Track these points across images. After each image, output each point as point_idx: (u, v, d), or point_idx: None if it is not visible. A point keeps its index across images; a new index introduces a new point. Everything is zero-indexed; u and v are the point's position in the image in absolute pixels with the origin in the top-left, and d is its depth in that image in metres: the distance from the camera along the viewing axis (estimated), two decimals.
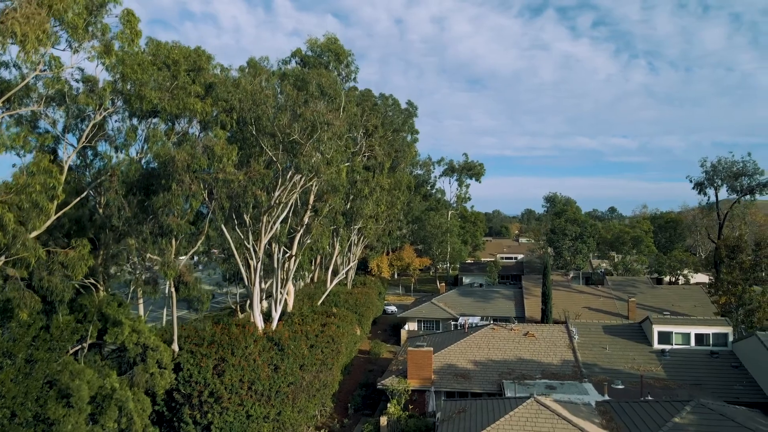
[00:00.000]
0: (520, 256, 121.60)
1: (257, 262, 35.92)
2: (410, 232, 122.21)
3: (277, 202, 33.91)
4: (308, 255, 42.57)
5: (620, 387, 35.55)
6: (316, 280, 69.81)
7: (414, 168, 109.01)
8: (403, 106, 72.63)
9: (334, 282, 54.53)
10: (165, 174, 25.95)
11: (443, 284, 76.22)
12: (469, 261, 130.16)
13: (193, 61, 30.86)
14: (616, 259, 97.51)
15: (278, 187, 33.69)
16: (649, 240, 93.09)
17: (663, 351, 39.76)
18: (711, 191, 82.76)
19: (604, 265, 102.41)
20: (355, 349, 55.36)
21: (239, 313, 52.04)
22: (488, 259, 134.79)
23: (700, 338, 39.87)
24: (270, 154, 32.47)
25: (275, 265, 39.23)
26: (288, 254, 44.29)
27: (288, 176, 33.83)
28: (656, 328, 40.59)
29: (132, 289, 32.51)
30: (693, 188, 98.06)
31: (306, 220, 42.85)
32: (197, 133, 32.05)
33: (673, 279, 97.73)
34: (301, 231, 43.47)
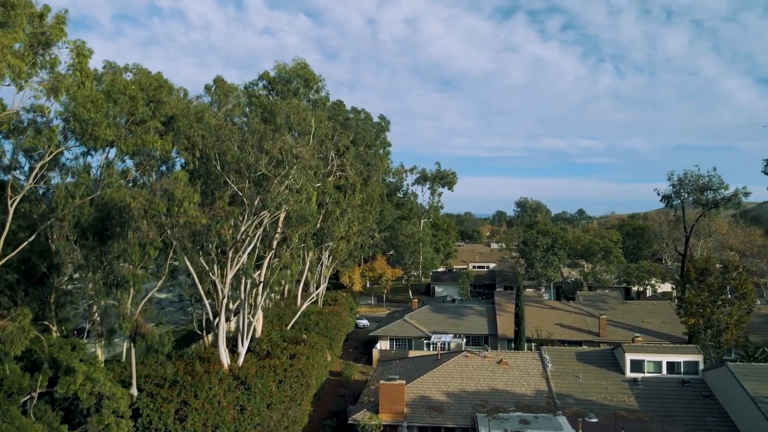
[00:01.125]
0: (492, 265, 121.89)
1: (223, 299, 34.38)
2: (383, 240, 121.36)
3: (243, 237, 32.46)
4: (278, 276, 41.10)
5: (594, 421, 35.22)
6: (287, 294, 68.25)
7: (386, 176, 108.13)
8: (375, 119, 71.61)
9: (305, 305, 53.16)
10: (120, 221, 24.32)
11: (416, 300, 75.34)
12: (441, 269, 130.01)
13: (153, 92, 29.08)
14: (586, 269, 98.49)
15: (245, 221, 32.25)
16: (618, 250, 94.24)
17: (635, 380, 39.69)
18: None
19: (574, 274, 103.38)
20: (326, 373, 54.12)
21: (206, 336, 50.22)
22: (461, 267, 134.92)
23: (672, 366, 39.95)
24: (235, 188, 31.02)
25: (242, 297, 37.71)
26: (257, 281, 42.81)
27: (255, 210, 32.41)
28: (629, 357, 40.52)
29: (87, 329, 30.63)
30: (660, 200, 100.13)
31: (275, 245, 41.43)
32: (157, 172, 30.30)
33: (641, 289, 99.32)
34: (270, 255, 42.03)
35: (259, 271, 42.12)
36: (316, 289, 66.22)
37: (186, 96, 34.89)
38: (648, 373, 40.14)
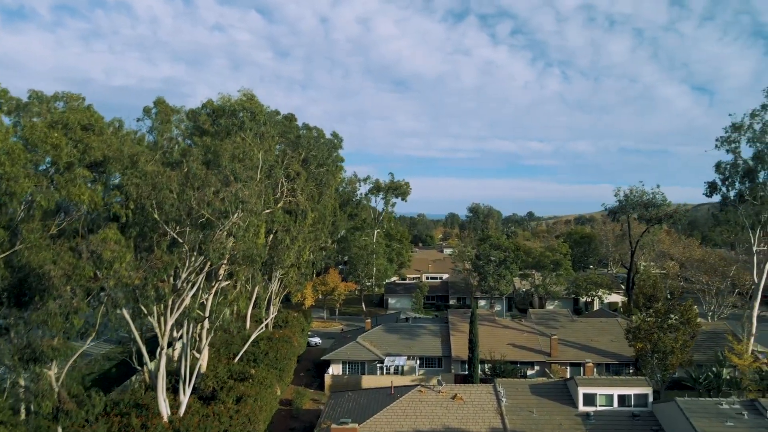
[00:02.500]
0: (445, 276, 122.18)
1: (161, 350, 32.01)
2: (335, 252, 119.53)
3: (184, 284, 30.24)
4: (225, 319, 38.96)
5: None
6: (236, 315, 65.68)
7: (340, 186, 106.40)
8: (328, 135, 69.86)
9: (254, 334, 50.89)
10: (40, 288, 21.84)
11: (369, 320, 74.06)
12: (395, 279, 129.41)
13: (81, 134, 26.41)
14: (537, 281, 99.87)
15: (186, 268, 30.05)
16: (567, 263, 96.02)
17: (588, 414, 39.80)
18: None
19: (526, 284, 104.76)
20: (276, 405, 52.07)
21: (146, 370, 47.22)
22: (414, 276, 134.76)
23: (623, 399, 40.32)
24: (174, 235, 28.80)
25: (184, 339, 35.37)
26: (202, 318, 40.43)
27: (197, 255, 30.24)
28: (581, 390, 40.60)
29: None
30: (608, 215, 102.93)
31: (221, 282, 39.19)
32: (85, 224, 27.60)
33: (589, 300, 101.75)
34: (216, 291, 39.78)
35: (204, 307, 39.83)
36: (267, 308, 63.95)
37: (120, 128, 32.25)
38: (600, 406, 40.34)
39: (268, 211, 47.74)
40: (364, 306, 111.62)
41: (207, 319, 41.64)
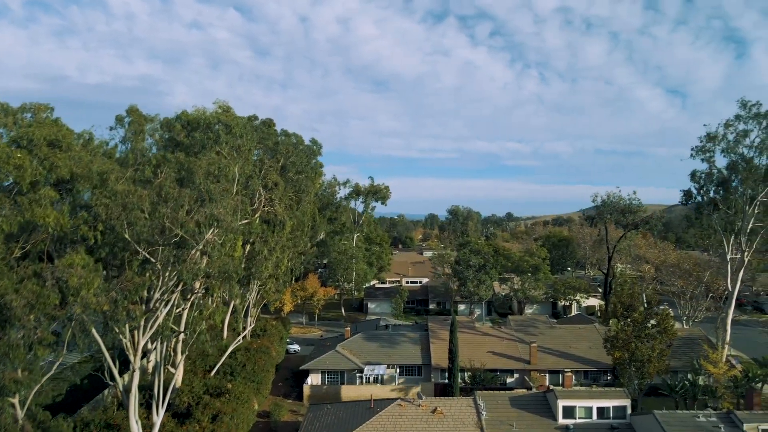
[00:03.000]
0: (425, 280, 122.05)
1: (133, 371, 30.95)
2: (315, 257, 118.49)
3: (156, 305, 29.25)
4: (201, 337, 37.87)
5: None
6: (211, 327, 64.43)
7: (320, 190, 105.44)
8: (307, 141, 68.99)
9: (231, 348, 49.85)
10: (1, 318, 20.78)
11: (348, 328, 73.43)
12: (374, 283, 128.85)
13: (46, 153, 25.25)
14: (516, 285, 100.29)
15: (159, 287, 29.06)
16: (546, 268, 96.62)
17: (567, 427, 39.83)
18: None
19: (505, 288, 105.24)
20: (253, 419, 51.12)
21: (118, 385, 45.89)
22: (394, 279, 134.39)
23: (602, 411, 40.47)
24: (147, 255, 27.79)
25: (157, 358, 34.30)
26: (176, 333, 39.35)
27: (170, 275, 29.23)
28: (561, 403, 40.62)
29: None
30: (585, 220, 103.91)
31: (197, 294, 38.17)
32: (51, 244, 26.42)
33: (567, 304, 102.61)
34: (193, 304, 38.72)
35: (180, 320, 38.76)
36: (245, 318, 62.86)
37: (91, 141, 31.06)
38: (579, 418, 40.42)
39: (246, 221, 46.80)
40: (343, 311, 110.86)
41: (182, 333, 40.59)
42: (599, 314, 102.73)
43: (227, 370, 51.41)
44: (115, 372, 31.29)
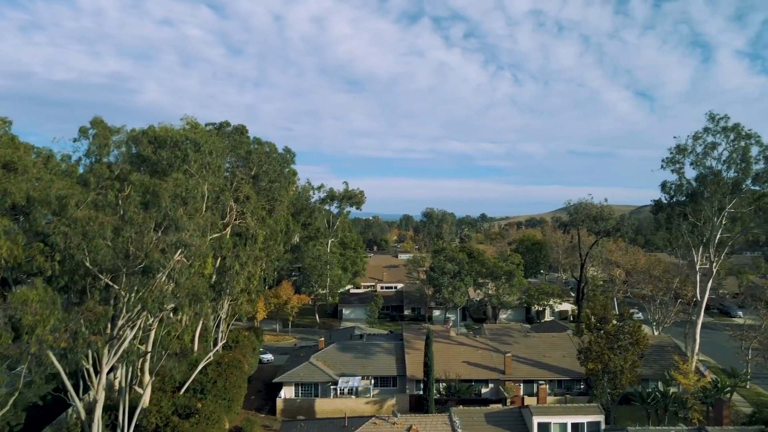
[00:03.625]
0: (400, 285, 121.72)
1: (96, 400, 29.61)
2: (288, 263, 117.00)
3: (120, 332, 28.01)
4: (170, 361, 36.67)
5: None
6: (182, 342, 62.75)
7: (292, 197, 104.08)
8: (281, 150, 67.84)
9: (201, 364, 48.46)
10: None
11: (322, 339, 72.49)
12: (349, 287, 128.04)
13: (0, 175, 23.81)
14: (491, 291, 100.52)
15: (123, 314, 27.83)
16: (520, 273, 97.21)
17: None
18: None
19: (480, 294, 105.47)
20: None
21: (81, 405, 44.15)
22: (369, 284, 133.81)
23: (576, 427, 40.60)
24: (109, 282, 26.54)
25: (122, 384, 32.96)
26: (143, 353, 38.01)
27: (134, 303, 28.01)
28: (536, 420, 40.60)
29: None
30: (558, 227, 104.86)
31: (165, 314, 36.89)
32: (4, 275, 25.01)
33: (541, 309, 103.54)
34: (160, 323, 37.42)
35: (147, 340, 37.41)
36: (216, 333, 61.37)
37: (51, 159, 29.58)
38: None
39: (216, 235, 45.58)
40: (318, 317, 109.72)
41: (149, 353, 39.26)
42: (572, 318, 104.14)
43: (197, 387, 50.03)
44: (77, 401, 29.92)
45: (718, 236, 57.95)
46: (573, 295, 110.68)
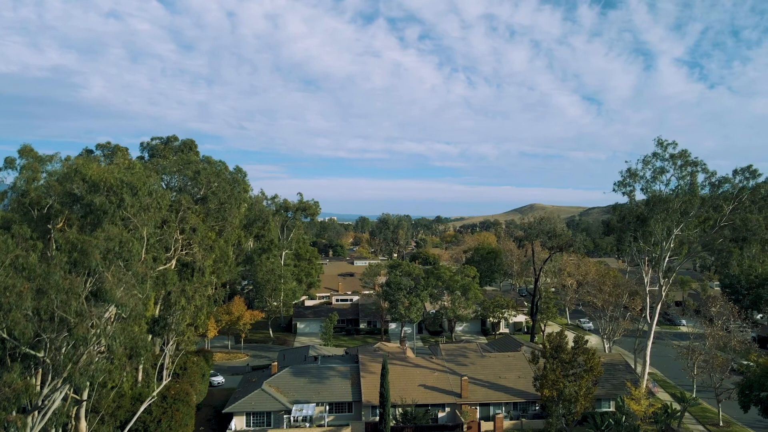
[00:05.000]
0: (356, 298, 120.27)
1: None
2: (240, 275, 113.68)
3: (46, 402, 25.41)
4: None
5: None
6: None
7: (245, 211, 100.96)
8: (232, 168, 65.15)
9: (146, 404, 45.50)
10: None
11: (275, 363, 70.17)
12: (304, 298, 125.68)
13: None
14: (446, 303, 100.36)
15: (48, 383, 25.25)
16: (475, 286, 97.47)
17: None
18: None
19: (436, 306, 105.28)
20: None
21: None
22: (324, 294, 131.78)
23: None
24: (30, 351, 23.96)
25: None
26: (79, 401, 35.19)
27: (60, 371, 25.42)
28: None
29: None
30: (514, 241, 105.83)
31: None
32: None
33: (496, 321, 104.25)
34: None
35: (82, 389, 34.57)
36: (159, 370, 58.13)
37: None
38: None
39: (161, 268, 42.94)
40: (271, 332, 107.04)
41: (86, 402, 36.44)
42: (526, 330, 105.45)
43: (140, 427, 47.15)
44: None
45: (667, 259, 59.25)
46: (527, 305, 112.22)
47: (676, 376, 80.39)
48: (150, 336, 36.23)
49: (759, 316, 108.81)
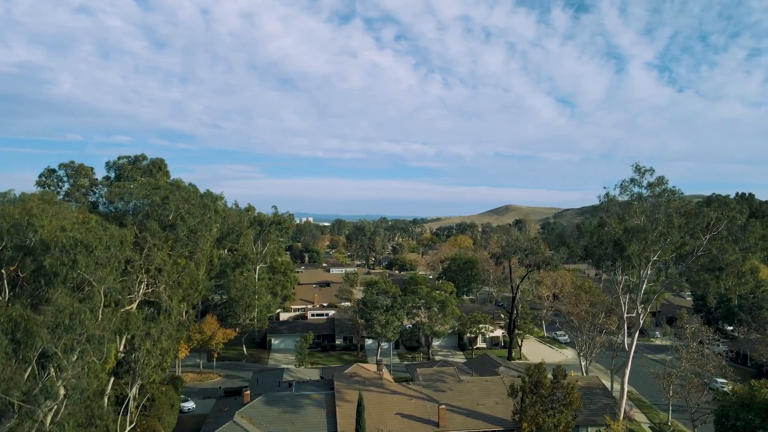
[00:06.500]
0: (332, 312, 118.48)
1: None
2: (213, 291, 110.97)
3: None
4: None
5: None
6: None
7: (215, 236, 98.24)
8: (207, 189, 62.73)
9: None
10: None
11: (247, 392, 68.02)
12: (279, 311, 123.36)
13: None
14: (423, 318, 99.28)
15: None
16: (452, 301, 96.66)
17: None
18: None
19: (412, 321, 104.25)
20: None
21: None
22: (299, 306, 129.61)
23: None
24: None
25: None
26: None
27: None
28: None
29: None
30: (491, 258, 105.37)
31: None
32: None
33: (473, 336, 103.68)
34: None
35: None
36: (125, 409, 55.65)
37: None
38: None
39: (124, 310, 40.65)
40: (245, 349, 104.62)
41: None
42: (503, 344, 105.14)
43: None
44: None
45: (644, 286, 59.07)
46: (504, 317, 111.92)
47: (651, 395, 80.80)
48: (108, 404, 33.99)
49: (730, 329, 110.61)
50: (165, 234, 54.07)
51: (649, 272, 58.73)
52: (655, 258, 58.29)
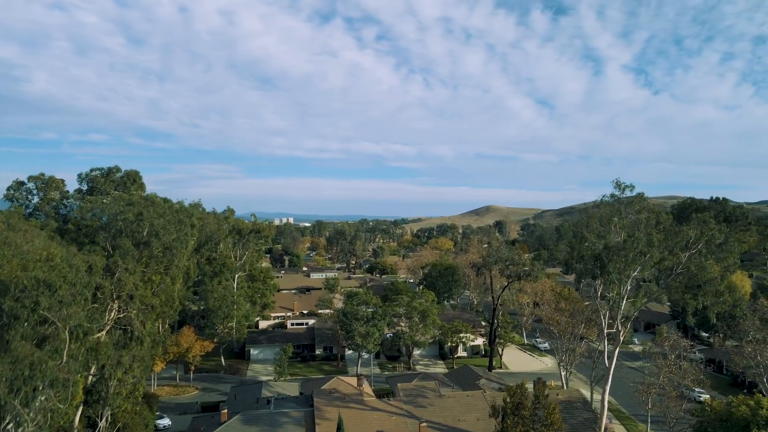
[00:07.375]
0: (311, 321, 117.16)
1: None
2: (191, 301, 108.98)
3: None
4: None
5: None
6: None
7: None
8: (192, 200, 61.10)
9: None
10: None
11: (225, 411, 66.58)
12: (258, 319, 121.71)
13: None
14: (404, 328, 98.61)
15: None
16: (433, 311, 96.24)
17: None
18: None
19: (393, 330, 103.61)
20: None
21: None
22: (279, 314, 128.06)
23: None
24: None
25: None
26: None
27: None
28: None
29: None
30: (472, 268, 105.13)
31: None
32: None
33: (454, 345, 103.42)
34: None
35: None
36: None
37: None
38: None
39: (93, 338, 39.14)
40: (223, 360, 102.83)
41: None
42: (484, 353, 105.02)
43: None
44: None
45: (624, 304, 59.12)
46: (484, 324, 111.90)
47: (630, 406, 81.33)
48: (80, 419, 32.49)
49: (706, 335, 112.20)
50: (139, 251, 52.51)
51: (629, 288, 58.80)
52: (635, 274, 58.40)
